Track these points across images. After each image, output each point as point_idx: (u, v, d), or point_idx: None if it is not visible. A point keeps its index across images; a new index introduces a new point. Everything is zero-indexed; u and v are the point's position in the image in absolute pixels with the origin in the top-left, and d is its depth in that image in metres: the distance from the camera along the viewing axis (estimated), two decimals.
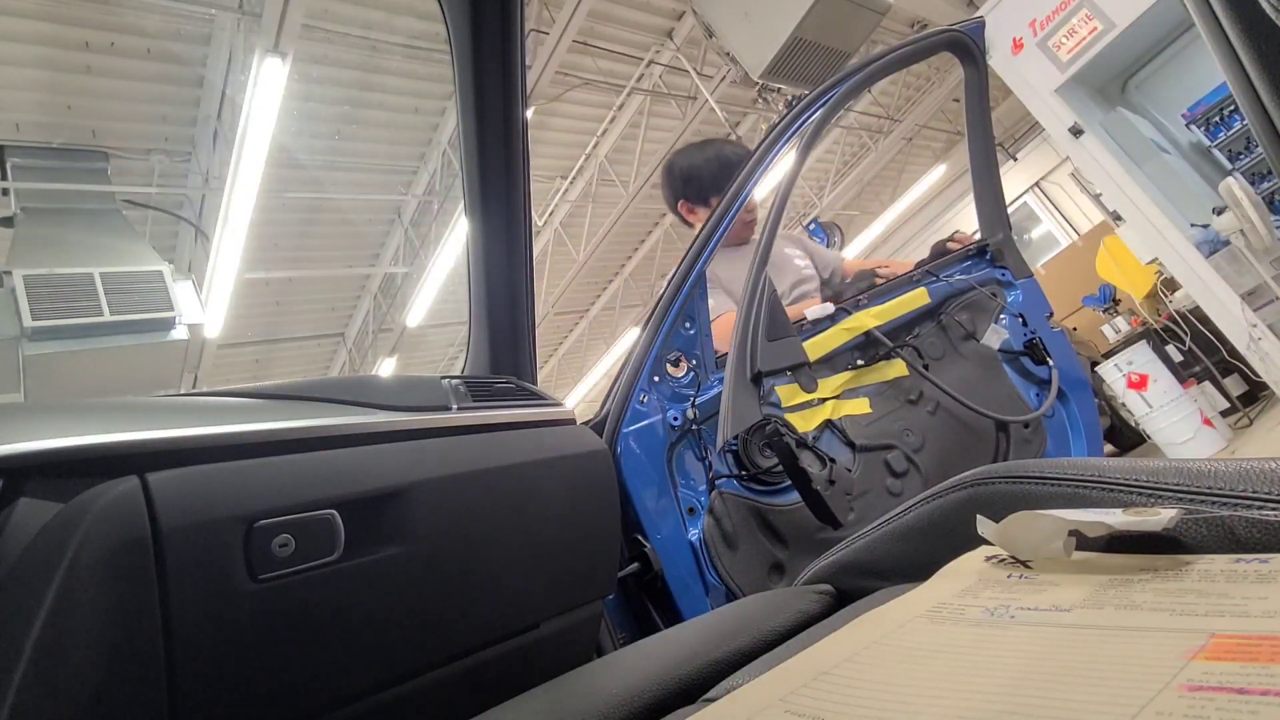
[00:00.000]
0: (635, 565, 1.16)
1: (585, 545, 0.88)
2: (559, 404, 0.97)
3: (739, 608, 0.72)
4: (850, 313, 1.49)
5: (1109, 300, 5.81)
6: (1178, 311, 4.58)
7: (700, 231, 1.35)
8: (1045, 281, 1.94)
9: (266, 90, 3.46)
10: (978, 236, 1.77)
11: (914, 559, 0.60)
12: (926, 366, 1.49)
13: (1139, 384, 4.22)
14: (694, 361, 1.35)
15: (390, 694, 0.66)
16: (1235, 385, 4.49)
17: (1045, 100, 3.62)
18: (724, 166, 1.90)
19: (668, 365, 1.33)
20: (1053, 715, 0.29)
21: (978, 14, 3.39)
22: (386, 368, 6.92)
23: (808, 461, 1.28)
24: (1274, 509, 0.38)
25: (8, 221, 3.47)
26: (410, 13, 4.13)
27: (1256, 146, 3.39)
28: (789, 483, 1.24)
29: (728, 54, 4.69)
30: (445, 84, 4.68)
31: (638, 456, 1.22)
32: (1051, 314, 1.69)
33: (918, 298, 1.58)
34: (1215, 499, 0.41)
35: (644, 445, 1.24)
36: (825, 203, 8.19)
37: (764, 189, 2.35)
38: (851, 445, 1.39)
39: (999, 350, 1.61)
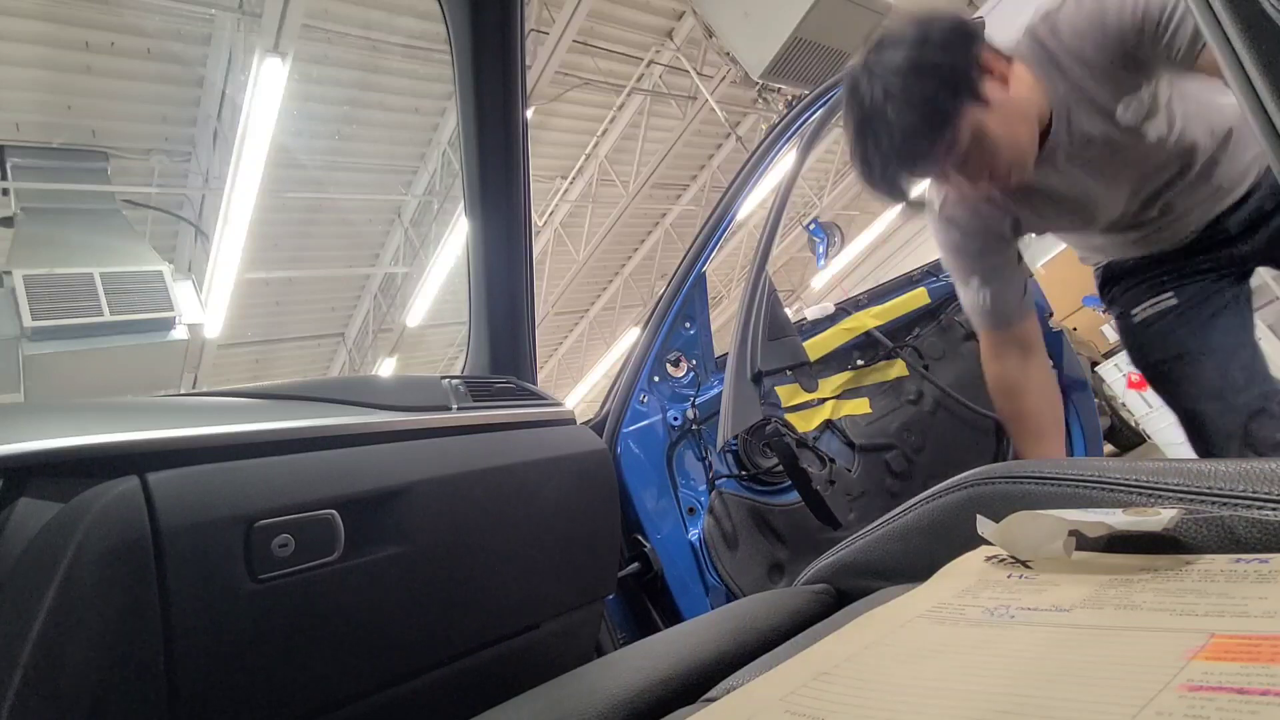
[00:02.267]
0: (635, 565, 1.16)
1: (585, 545, 0.88)
2: (559, 404, 0.97)
3: (739, 608, 0.72)
4: (850, 313, 1.49)
5: None
6: None
7: (699, 233, 1.35)
8: (1045, 281, 1.94)
9: (266, 90, 3.46)
10: None
11: (914, 559, 0.60)
12: (926, 366, 1.50)
13: (1139, 384, 4.22)
14: (694, 361, 1.35)
15: (390, 694, 0.66)
16: None
17: None
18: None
19: (668, 365, 1.33)
20: (1053, 715, 0.29)
21: (978, 14, 3.39)
22: (386, 368, 6.92)
23: (808, 461, 1.28)
24: (1274, 509, 0.38)
25: (8, 221, 3.47)
26: (410, 13, 4.14)
27: None
28: (789, 483, 1.24)
29: (728, 54, 4.69)
30: (445, 84, 4.68)
31: (638, 456, 1.22)
32: (1051, 314, 1.69)
33: (917, 298, 1.58)
34: (1215, 499, 0.41)
35: (644, 445, 1.24)
36: (825, 203, 8.19)
37: (764, 189, 2.34)
38: (851, 445, 1.39)
39: None
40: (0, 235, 3.59)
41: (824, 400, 1.39)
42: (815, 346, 1.41)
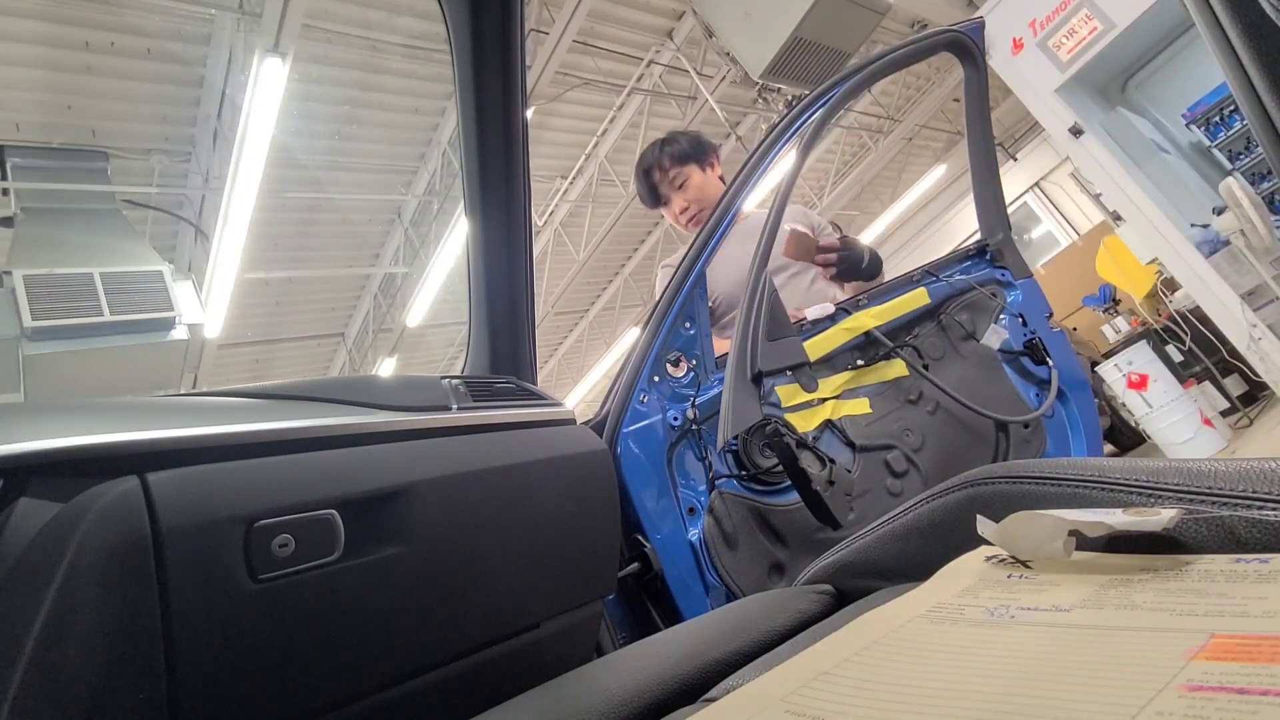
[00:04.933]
0: (635, 565, 1.16)
1: (585, 545, 0.88)
2: (559, 404, 0.97)
3: (739, 608, 0.72)
4: (850, 313, 1.49)
5: (1109, 300, 5.81)
6: (1178, 311, 4.59)
7: (701, 231, 1.35)
8: (1045, 281, 1.94)
9: (266, 90, 3.46)
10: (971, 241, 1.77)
11: (914, 559, 0.60)
12: (926, 366, 1.49)
13: (1139, 384, 4.23)
14: (694, 361, 1.35)
15: (390, 694, 0.66)
16: (1235, 385, 4.49)
17: (1045, 100, 3.63)
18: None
19: (668, 365, 1.33)
20: (1053, 715, 0.29)
21: (978, 14, 3.40)
22: (386, 368, 6.92)
23: (808, 462, 1.28)
24: (1274, 509, 0.38)
25: (8, 221, 3.47)
26: (410, 13, 4.14)
27: (1256, 146, 3.39)
28: (789, 483, 1.24)
29: (728, 54, 4.69)
30: (445, 84, 4.68)
31: (638, 456, 1.22)
32: (1051, 314, 1.69)
33: (918, 298, 1.58)
34: (1215, 499, 0.41)
35: (644, 445, 1.24)
36: (825, 203, 8.19)
37: (764, 189, 2.33)
38: (851, 445, 1.39)
39: (999, 350, 1.61)
40: (0, 235, 3.59)
41: (824, 400, 1.39)
42: (815, 346, 1.40)
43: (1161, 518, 0.40)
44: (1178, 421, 4.12)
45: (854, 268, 1.73)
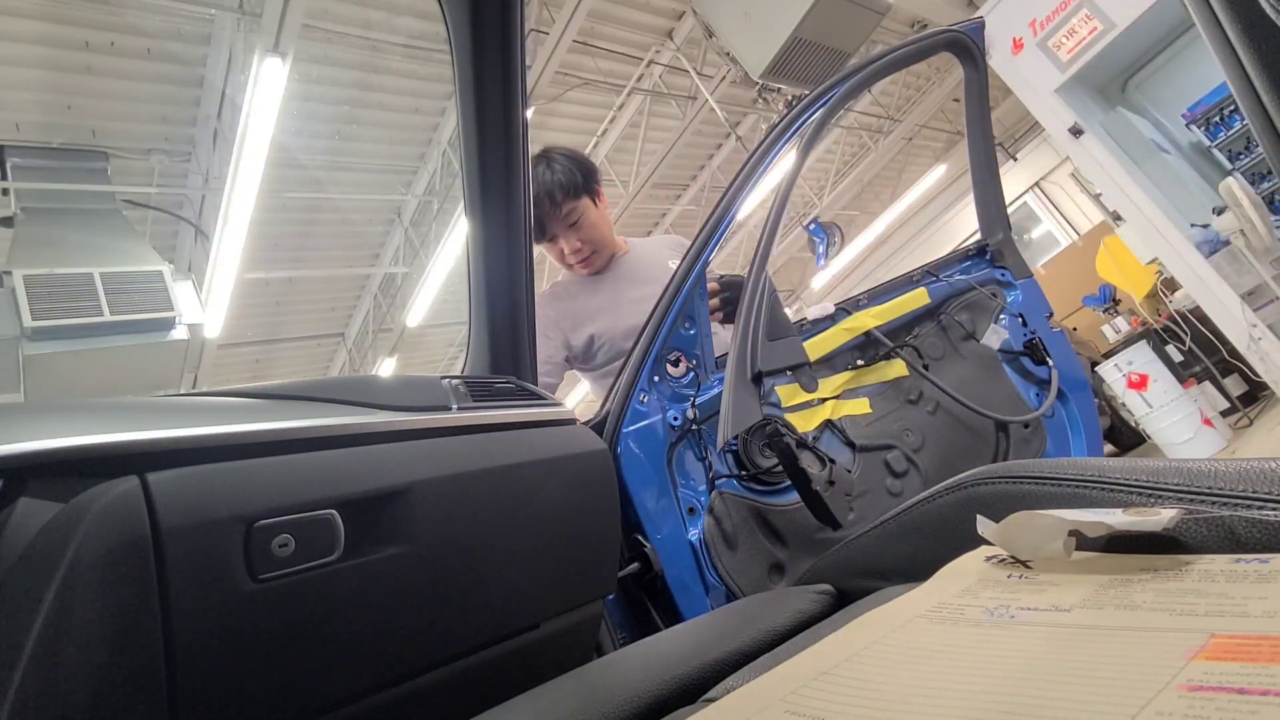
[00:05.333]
0: (635, 565, 1.16)
1: (585, 545, 0.88)
2: (559, 404, 0.97)
3: (739, 608, 0.72)
4: (850, 313, 1.49)
5: (1109, 300, 5.82)
6: (1178, 311, 4.59)
7: (699, 233, 1.35)
8: (1045, 281, 1.94)
9: (266, 90, 3.46)
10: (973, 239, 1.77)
11: (914, 559, 0.60)
12: (926, 366, 1.50)
13: (1139, 384, 4.23)
14: (694, 361, 1.35)
15: (390, 694, 0.66)
16: (1235, 385, 4.49)
17: (1045, 100, 3.63)
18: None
19: (668, 365, 1.33)
20: (1053, 715, 0.29)
21: (978, 14, 3.40)
22: (386, 368, 6.92)
23: (808, 462, 1.27)
24: (1274, 509, 0.38)
25: (8, 221, 3.47)
26: (410, 13, 4.14)
27: (1256, 146, 3.39)
28: (789, 483, 1.24)
29: (728, 54, 4.69)
30: (445, 84, 4.68)
31: (638, 456, 1.22)
32: (1051, 314, 1.69)
33: (918, 298, 1.58)
34: (1215, 499, 0.41)
35: (644, 445, 1.24)
36: (825, 203, 8.19)
37: (764, 189, 2.33)
38: (851, 445, 1.39)
39: (999, 350, 1.61)
40: (0, 235, 3.59)
41: (824, 400, 1.39)
42: (815, 346, 1.40)
43: (1161, 518, 0.40)
44: (1178, 421, 4.13)
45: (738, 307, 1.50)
